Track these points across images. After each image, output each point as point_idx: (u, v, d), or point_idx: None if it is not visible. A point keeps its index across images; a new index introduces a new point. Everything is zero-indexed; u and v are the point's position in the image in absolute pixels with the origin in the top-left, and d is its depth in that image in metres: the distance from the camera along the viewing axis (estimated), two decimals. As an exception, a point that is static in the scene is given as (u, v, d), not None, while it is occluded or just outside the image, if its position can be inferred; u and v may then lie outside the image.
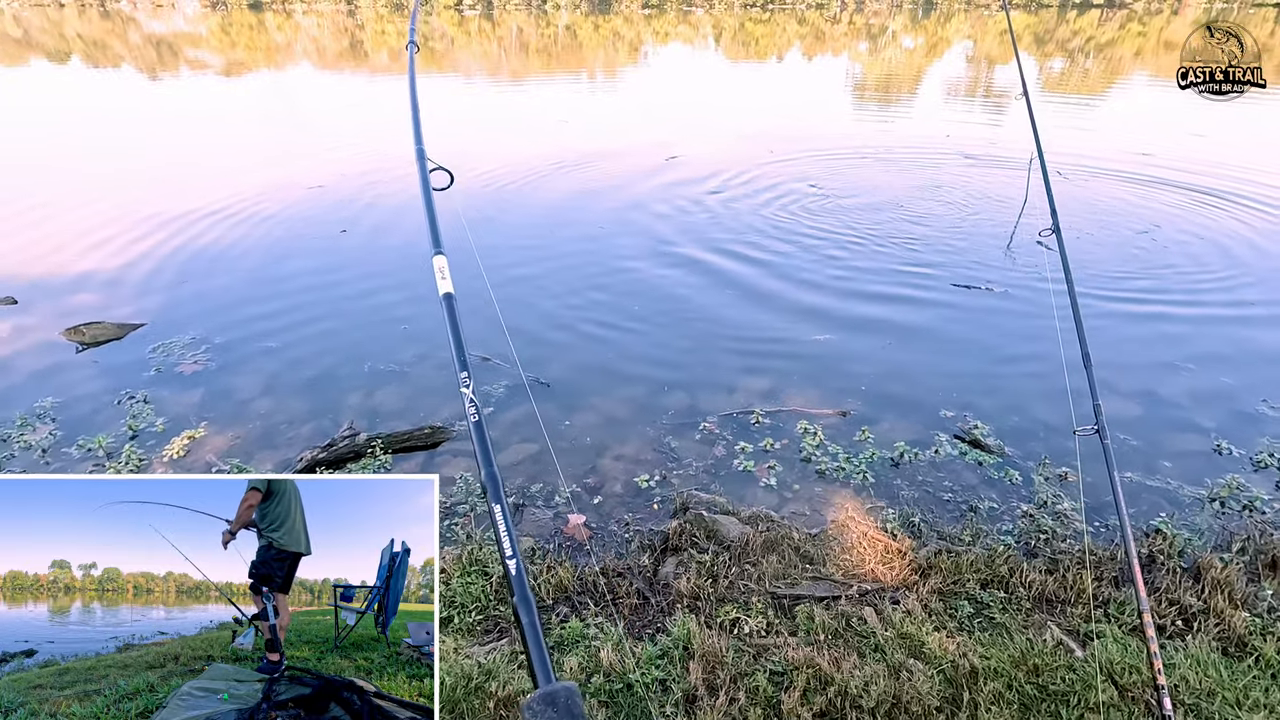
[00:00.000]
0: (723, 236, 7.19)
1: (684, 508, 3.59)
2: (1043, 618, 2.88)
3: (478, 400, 1.21)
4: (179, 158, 10.51)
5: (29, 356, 5.03)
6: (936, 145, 10.92)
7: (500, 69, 24.30)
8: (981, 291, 5.93)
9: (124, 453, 3.96)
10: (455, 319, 1.30)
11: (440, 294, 1.37)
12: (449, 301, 1.35)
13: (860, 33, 38.98)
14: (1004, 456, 3.97)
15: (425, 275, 5.58)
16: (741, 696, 2.45)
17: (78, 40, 34.44)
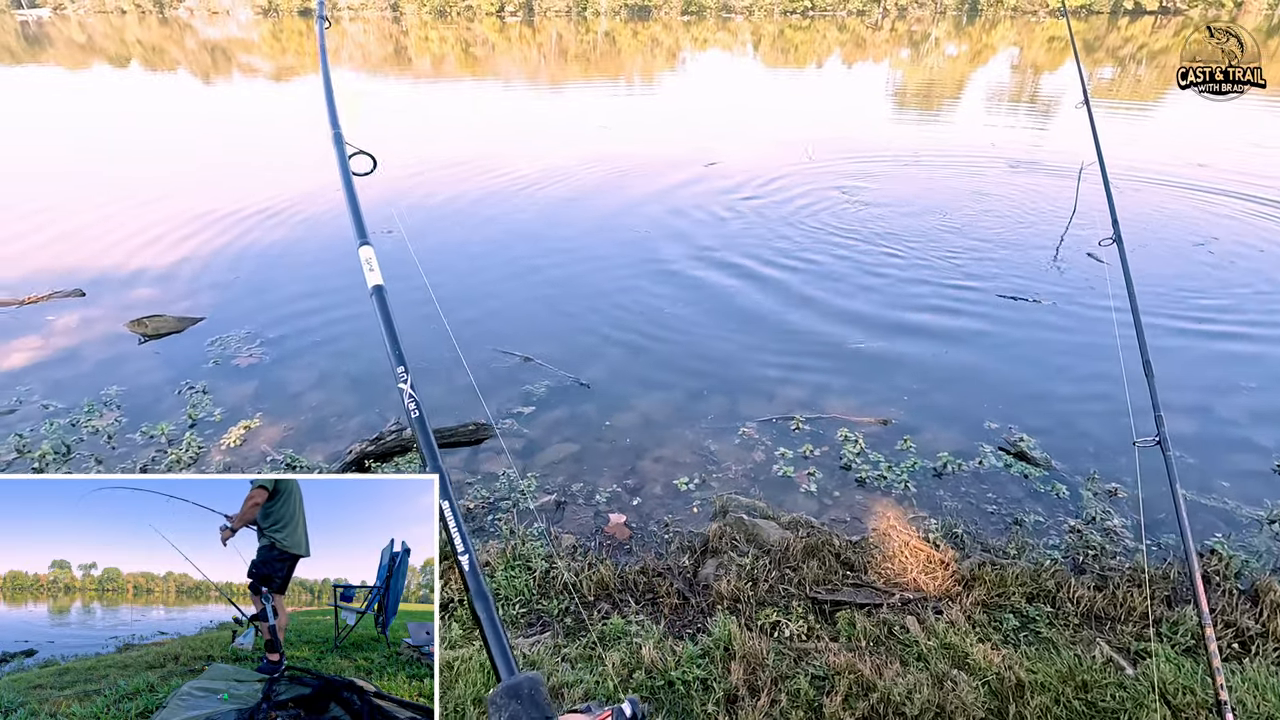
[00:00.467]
0: (762, 242, 7.19)
1: (724, 511, 3.60)
2: (1091, 634, 2.82)
3: (418, 396, 1.18)
4: (231, 159, 10.90)
5: (95, 346, 5.27)
6: (980, 153, 10.75)
7: (540, 74, 24.62)
8: (1029, 304, 5.82)
9: (184, 440, 4.13)
10: (388, 312, 1.26)
11: (369, 287, 1.31)
12: (379, 294, 1.30)
13: (902, 40, 38.52)
14: (1050, 470, 3.90)
15: (467, 273, 5.72)
16: (783, 698, 2.46)
17: (137, 45, 35.88)
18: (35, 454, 4.01)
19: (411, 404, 1.16)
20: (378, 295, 1.29)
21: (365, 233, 1.36)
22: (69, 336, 5.40)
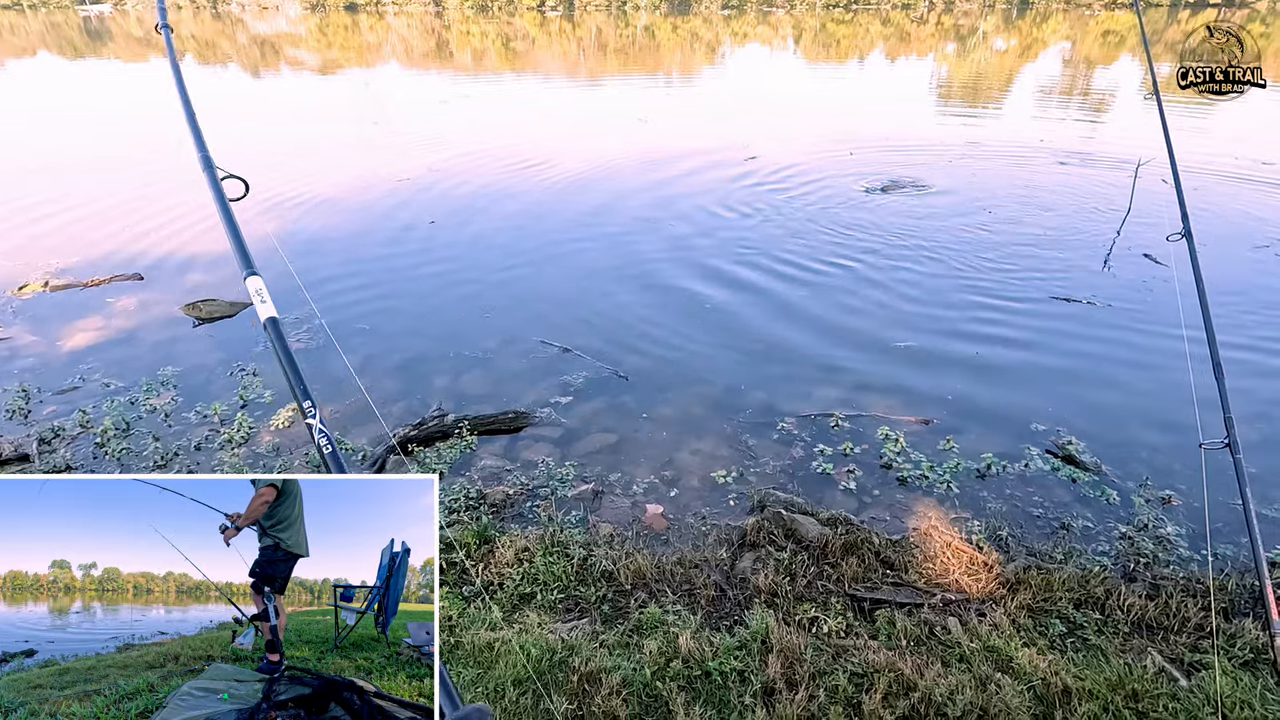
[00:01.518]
0: (802, 238, 7.11)
1: (761, 505, 3.59)
2: (1142, 643, 2.74)
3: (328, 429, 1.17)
4: (278, 149, 11.18)
5: (153, 329, 5.47)
6: (1030, 149, 10.46)
7: (579, 69, 24.69)
8: (1081, 305, 5.64)
9: (236, 420, 4.27)
10: (285, 344, 1.22)
11: (262, 319, 1.24)
12: (274, 326, 1.24)
13: (948, 34, 37.61)
14: (1100, 474, 3.79)
15: (509, 265, 5.78)
16: (821, 694, 2.44)
17: (191, 40, 36.99)
18: (97, 430, 4.19)
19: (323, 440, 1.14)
20: (272, 327, 1.25)
21: (251, 263, 1.32)
22: (128, 318, 5.62)
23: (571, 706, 2.36)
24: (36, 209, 8.20)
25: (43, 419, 4.35)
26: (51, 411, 4.43)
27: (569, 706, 2.35)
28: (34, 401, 4.52)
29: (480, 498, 3.67)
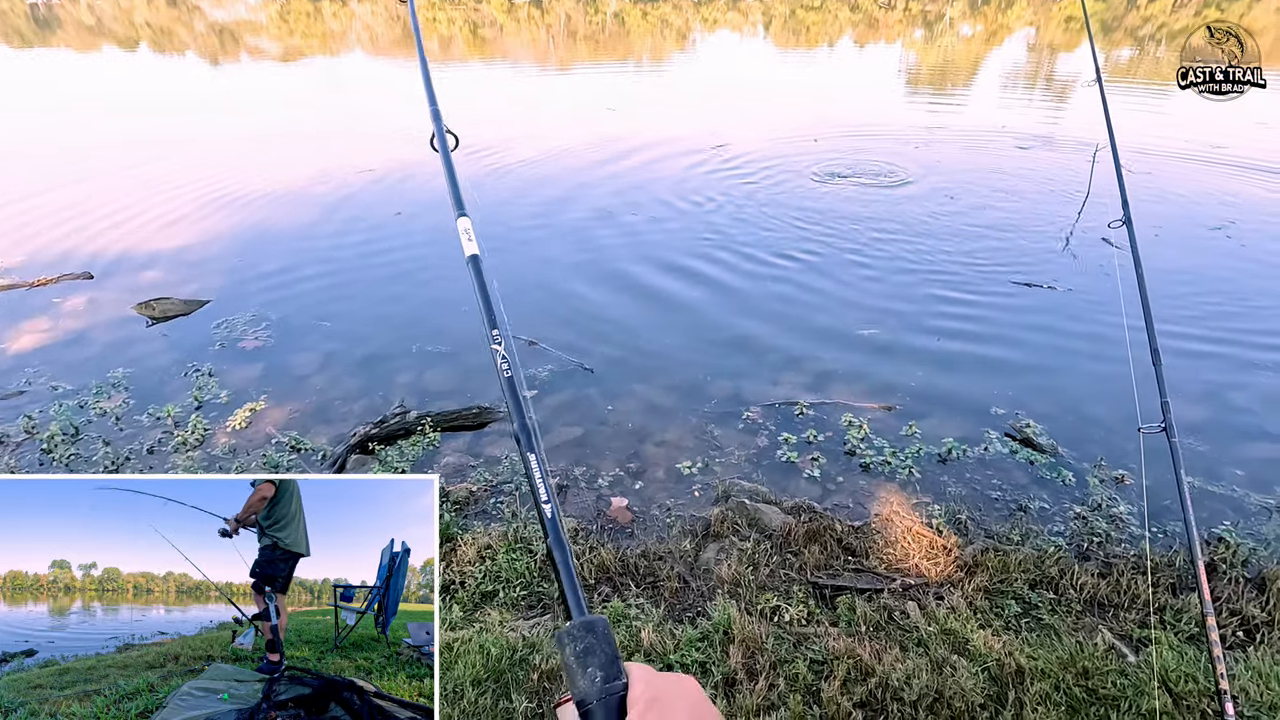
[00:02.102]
0: (767, 226, 7.12)
1: (726, 495, 3.60)
2: (1094, 621, 2.81)
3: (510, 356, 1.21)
4: (238, 142, 10.88)
5: (104, 329, 5.31)
6: (992, 135, 10.58)
7: (548, 57, 24.39)
8: (1042, 290, 5.73)
9: (190, 422, 4.16)
10: (483, 279, 1.30)
11: (466, 256, 1.37)
12: (475, 263, 1.35)
13: (915, 20, 37.85)
14: (1057, 456, 3.87)
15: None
16: (781, 683, 2.46)
17: (146, 28, 35.79)
18: (44, 435, 4.05)
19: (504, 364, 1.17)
20: (474, 264, 1.34)
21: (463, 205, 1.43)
22: (77, 319, 5.44)
23: (531, 705, 2.35)
24: (-21, 206, 7.89)
25: (-14, 425, 4.20)
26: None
27: (529, 705, 2.34)
28: (-24, 407, 4.36)
29: (443, 495, 3.62)
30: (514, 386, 1.18)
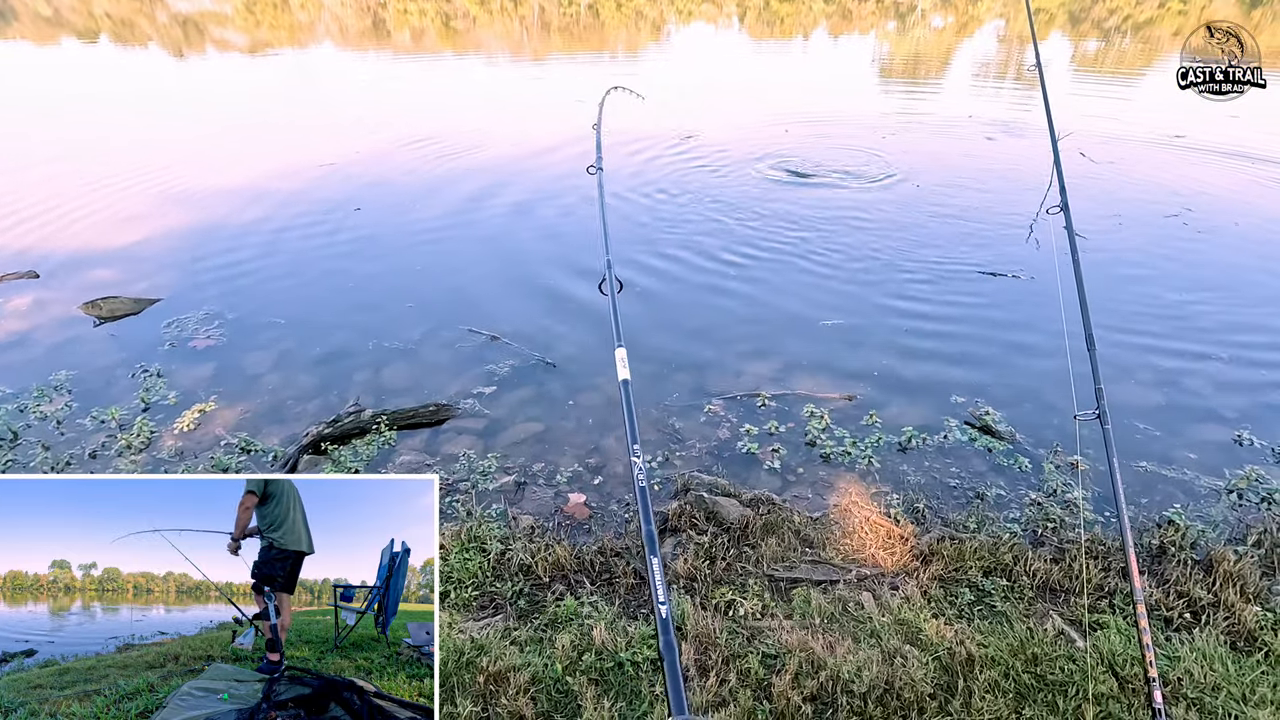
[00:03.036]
0: (732, 217, 7.09)
1: (685, 489, 3.56)
2: (1045, 607, 2.82)
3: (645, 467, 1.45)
4: (197, 136, 10.60)
5: (48, 329, 5.13)
6: (958, 124, 10.65)
7: (522, 48, 24.12)
8: (1008, 279, 5.75)
9: (136, 425, 4.03)
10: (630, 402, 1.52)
11: (619, 379, 1.64)
12: (626, 387, 1.59)
13: (888, 12, 38.04)
14: (1014, 443, 3.89)
15: (434, 254, 5.60)
16: (732, 678, 2.43)
17: (106, 19, 34.78)
18: (-20, 440, 3.90)
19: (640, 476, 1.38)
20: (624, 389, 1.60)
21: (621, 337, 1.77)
22: (21, 319, 5.25)
23: (476, 709, 2.30)
24: (-79, 204, 7.59)
25: (-82, 431, 4.03)
26: (-71, 423, 4.10)
27: (474, 709, 2.29)
28: (-91, 413, 4.19)
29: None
30: (646, 496, 1.35)
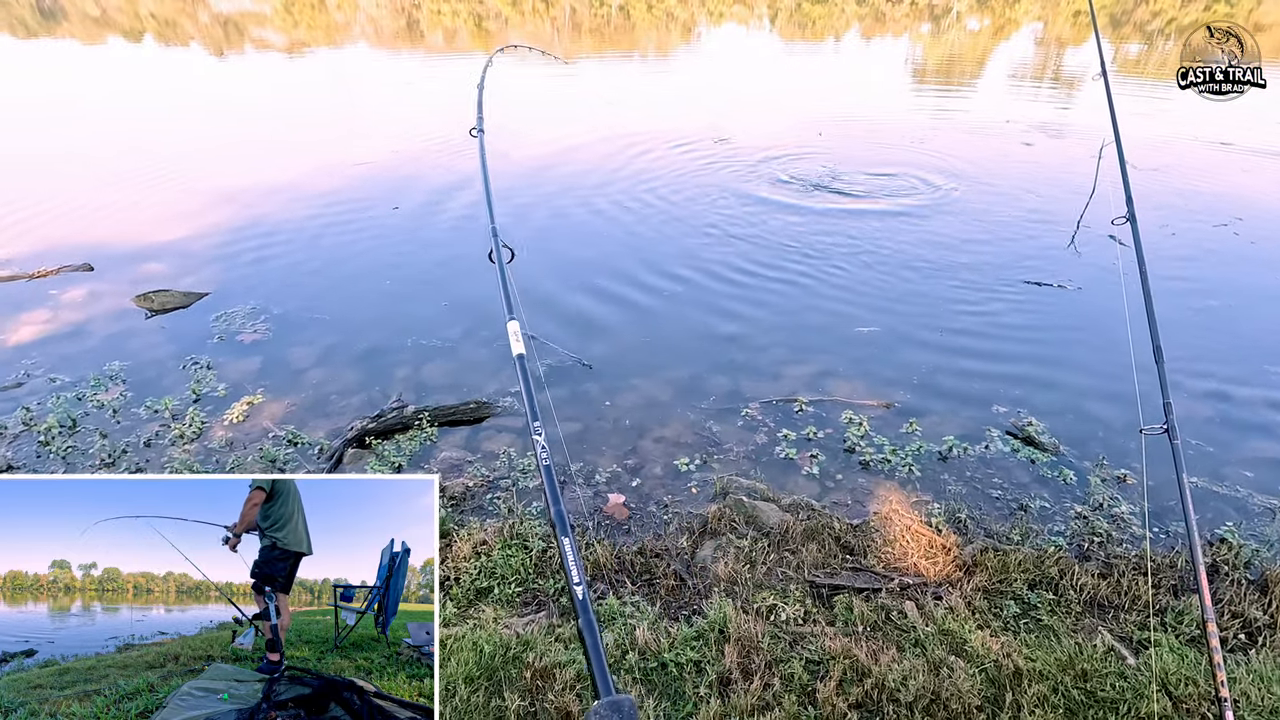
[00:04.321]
0: (769, 221, 7.08)
1: (724, 492, 3.57)
2: (1093, 622, 2.78)
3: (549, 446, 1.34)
4: (239, 134, 10.86)
5: (102, 321, 5.30)
6: (996, 130, 10.49)
7: (552, 49, 24.26)
8: (1052, 289, 5.65)
9: (188, 415, 4.15)
10: (528, 378, 1.46)
11: (514, 354, 1.55)
12: (521, 362, 1.51)
13: (922, 14, 37.57)
14: (1058, 455, 3.83)
15: (472, 252, 5.66)
16: (776, 682, 2.44)
17: (151, 20, 35.72)
18: (41, 427, 4.04)
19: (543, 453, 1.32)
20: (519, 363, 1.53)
21: (513, 310, 1.70)
22: (76, 311, 5.43)
23: (524, 703, 2.33)
24: (-19, 197, 7.88)
25: (-17, 417, 4.20)
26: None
27: (521, 703, 2.32)
28: (-26, 399, 4.36)
29: (439, 490, 3.60)
30: (551, 474, 1.28)
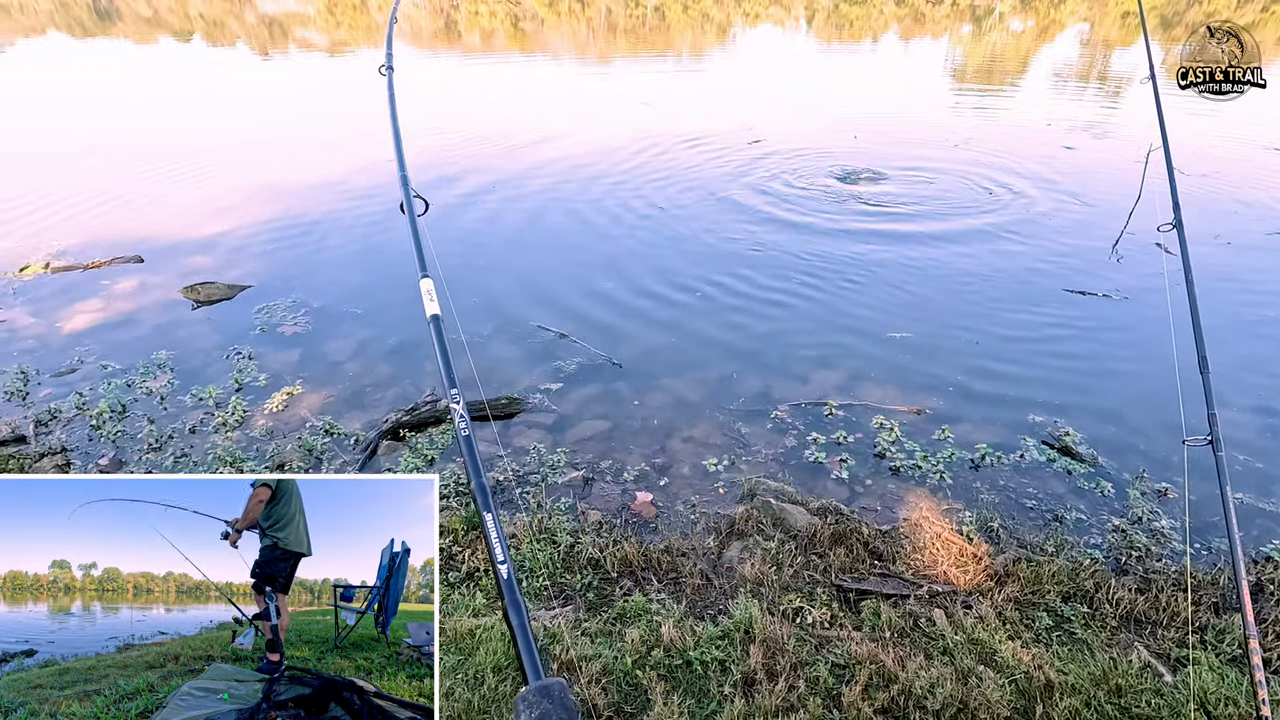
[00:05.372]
0: (802, 224, 7.03)
1: (751, 494, 3.57)
2: (1129, 638, 2.72)
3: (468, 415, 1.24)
4: (281, 132, 11.14)
5: (151, 311, 5.49)
6: (1037, 133, 10.27)
7: (588, 50, 24.41)
8: (1096, 298, 5.51)
9: (231, 403, 4.28)
10: (444, 340, 1.33)
11: (428, 316, 1.40)
12: (436, 323, 1.38)
13: (964, 15, 36.89)
14: (1096, 466, 3.75)
15: (504, 251, 5.73)
16: (801, 685, 2.44)
17: (199, 20, 36.81)
18: (93, 412, 4.21)
19: (462, 424, 1.23)
20: (434, 324, 1.39)
21: (426, 266, 1.50)
22: (127, 300, 5.64)
23: (550, 694, 2.36)
24: (43, 189, 8.22)
25: (40, 401, 4.39)
26: (49, 394, 4.46)
27: (547, 694, 2.35)
28: (32, 383, 4.56)
29: (439, 491, 3.67)
30: (471, 445, 1.20)
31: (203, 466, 3.80)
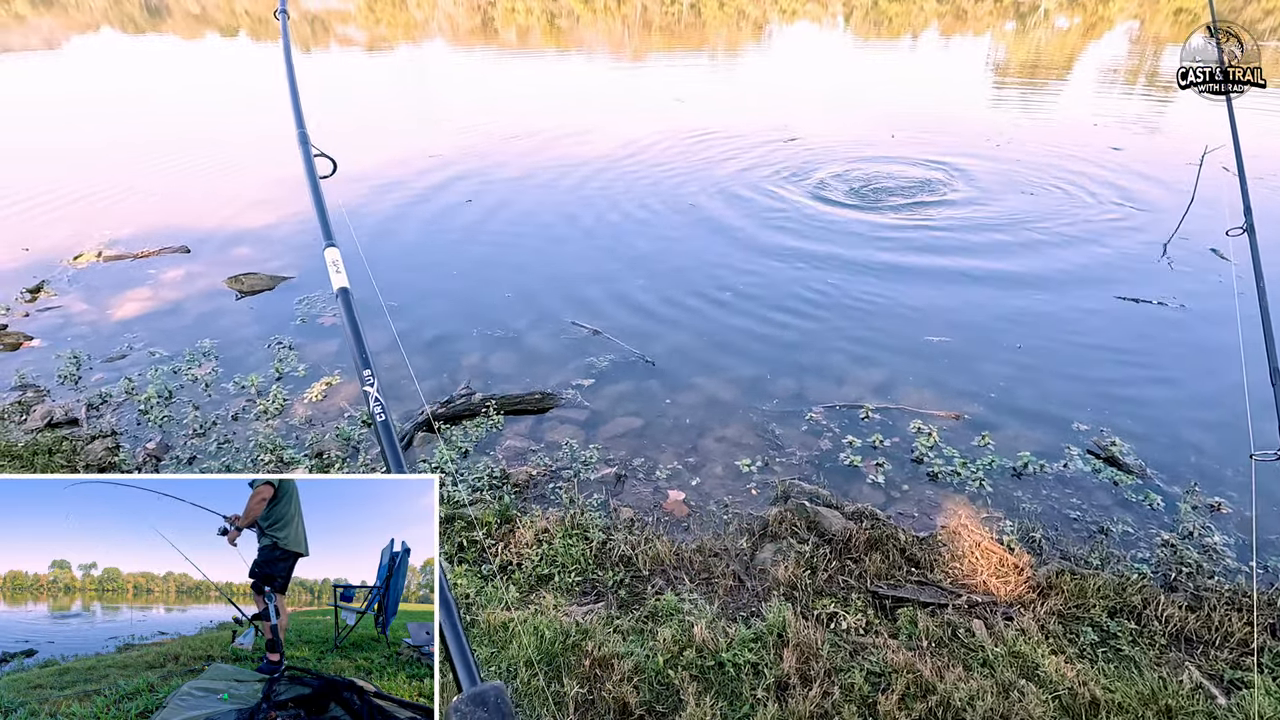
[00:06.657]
0: (839, 224, 6.94)
1: (785, 496, 3.53)
2: (1180, 657, 2.62)
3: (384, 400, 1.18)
4: (320, 126, 11.33)
5: (197, 300, 5.64)
6: (1082, 134, 9.97)
7: (623, 46, 24.41)
8: (1151, 305, 5.31)
9: (272, 392, 4.37)
10: (354, 314, 1.24)
11: (335, 289, 1.29)
12: (345, 297, 1.28)
13: (1007, 11, 36.02)
14: (1144, 478, 3.63)
15: (541, 246, 5.75)
16: (836, 691, 2.40)
17: (245, 16, 37.70)
18: (141, 397, 4.34)
19: (377, 408, 1.16)
20: (343, 298, 1.28)
21: (331, 234, 1.36)
22: (174, 290, 5.80)
23: (582, 690, 2.37)
24: (97, 180, 8.50)
25: (91, 385, 4.53)
26: (100, 378, 4.60)
27: (580, 690, 2.36)
28: (84, 368, 4.71)
29: (504, 477, 3.69)
30: (389, 430, 1.14)
31: (244, 453, 3.89)
